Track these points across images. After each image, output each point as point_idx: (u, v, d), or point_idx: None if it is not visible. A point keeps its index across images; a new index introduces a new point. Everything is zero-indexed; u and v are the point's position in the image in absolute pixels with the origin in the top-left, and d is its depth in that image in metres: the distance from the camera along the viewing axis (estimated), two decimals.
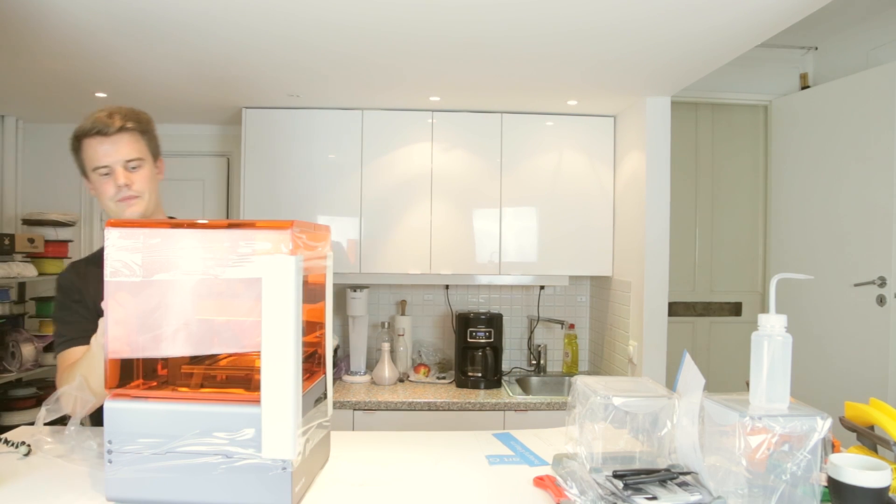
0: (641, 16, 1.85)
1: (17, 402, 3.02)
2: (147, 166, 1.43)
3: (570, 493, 0.96)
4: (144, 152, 1.43)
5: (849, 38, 2.99)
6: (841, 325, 2.83)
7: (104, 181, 1.39)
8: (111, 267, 0.99)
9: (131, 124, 1.40)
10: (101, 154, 1.37)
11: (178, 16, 1.88)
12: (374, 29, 1.98)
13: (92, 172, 1.40)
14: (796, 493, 0.85)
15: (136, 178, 1.40)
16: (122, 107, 1.43)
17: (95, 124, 1.37)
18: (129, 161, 1.39)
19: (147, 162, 1.43)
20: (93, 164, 1.38)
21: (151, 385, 1.05)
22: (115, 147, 1.37)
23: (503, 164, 3.03)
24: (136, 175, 1.40)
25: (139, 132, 1.42)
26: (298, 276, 0.92)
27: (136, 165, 1.40)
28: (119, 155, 1.37)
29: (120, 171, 1.38)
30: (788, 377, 0.93)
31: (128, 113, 1.41)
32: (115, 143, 1.37)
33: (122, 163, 1.38)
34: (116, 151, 1.37)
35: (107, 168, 1.38)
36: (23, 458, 1.15)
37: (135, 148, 1.40)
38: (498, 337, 3.01)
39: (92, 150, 1.38)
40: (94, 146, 1.37)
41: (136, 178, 1.40)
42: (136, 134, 1.41)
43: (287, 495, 0.94)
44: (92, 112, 1.42)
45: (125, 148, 1.38)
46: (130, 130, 1.40)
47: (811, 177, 3.05)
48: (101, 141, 1.37)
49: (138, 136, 1.42)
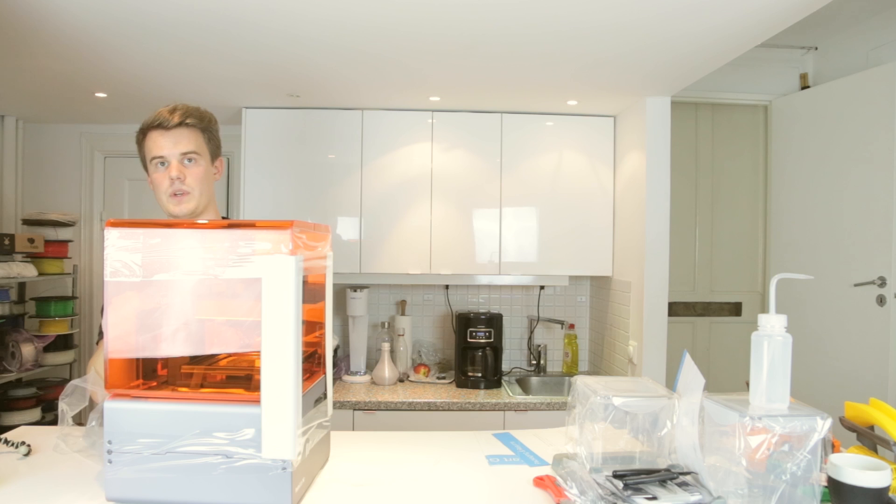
0: (641, 16, 1.85)
1: (17, 402, 3.02)
2: (203, 163, 1.45)
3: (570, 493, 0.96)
4: (202, 148, 1.46)
5: (849, 38, 2.99)
6: (841, 325, 2.83)
7: (159, 173, 1.41)
8: (111, 267, 0.99)
9: (192, 120, 1.43)
10: (160, 145, 1.40)
11: (178, 16, 1.88)
12: (374, 29, 1.98)
13: (150, 163, 1.43)
14: (796, 493, 0.85)
15: (189, 173, 1.42)
16: (187, 105, 1.46)
17: (157, 118, 1.40)
18: (184, 154, 1.41)
19: (203, 158, 1.45)
20: (151, 154, 1.41)
21: (151, 385, 1.05)
22: (174, 140, 1.40)
23: (503, 164, 3.03)
24: (191, 170, 1.42)
25: (199, 129, 1.45)
26: (298, 276, 0.92)
27: (191, 159, 1.42)
28: (176, 147, 1.40)
29: (175, 164, 1.40)
30: (788, 377, 0.93)
31: (190, 110, 1.44)
32: (173, 136, 1.40)
33: (177, 156, 1.41)
34: (174, 144, 1.40)
35: (162, 158, 1.40)
36: (23, 458, 1.15)
37: (192, 142, 1.43)
38: (498, 337, 3.01)
39: (152, 141, 1.41)
40: (154, 138, 1.41)
41: (190, 173, 1.42)
42: (195, 130, 1.44)
43: (287, 495, 0.94)
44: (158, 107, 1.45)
45: (183, 141, 1.41)
46: (191, 126, 1.43)
47: (811, 177, 3.05)
48: (162, 133, 1.40)
49: (198, 132, 1.45)
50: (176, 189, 1.40)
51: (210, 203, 1.50)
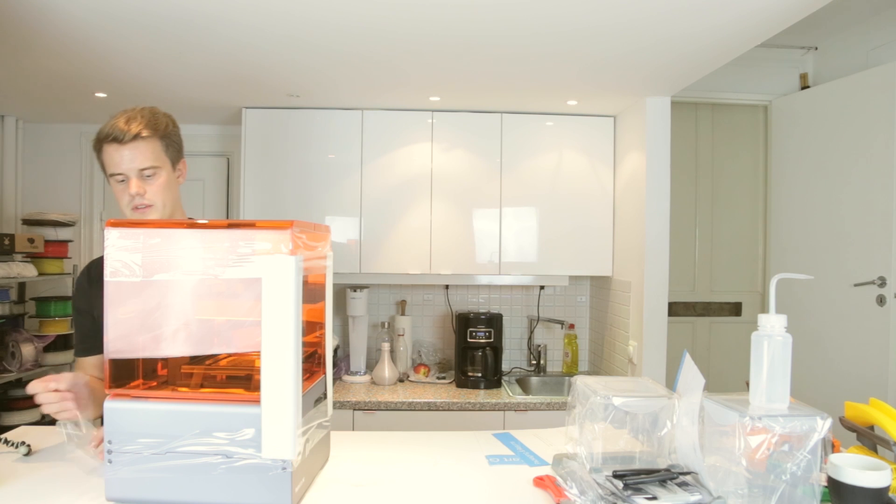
0: (641, 16, 1.85)
1: (17, 402, 3.02)
2: (163, 174, 1.41)
3: (570, 493, 0.96)
4: (161, 159, 1.41)
5: (849, 38, 2.99)
6: (841, 325, 2.83)
7: (120, 188, 1.38)
8: (111, 267, 0.99)
9: (147, 132, 1.37)
10: (117, 161, 1.36)
11: (178, 16, 1.88)
12: (374, 29, 1.98)
13: (109, 177, 1.39)
14: (796, 493, 0.85)
15: (149, 188, 1.38)
16: (143, 110, 1.40)
17: (112, 130, 1.35)
18: (143, 170, 1.37)
19: (163, 169, 1.41)
20: (109, 170, 1.38)
21: (151, 385, 1.05)
22: (131, 155, 1.35)
23: (503, 164, 3.03)
24: (151, 184, 1.39)
25: (157, 138, 1.39)
26: (298, 276, 0.92)
27: (150, 174, 1.38)
28: (134, 163, 1.36)
29: (134, 181, 1.36)
30: (788, 377, 0.93)
31: (147, 119, 1.38)
32: (130, 150, 1.35)
33: (136, 171, 1.36)
34: (131, 160, 1.35)
35: (122, 175, 1.37)
36: (23, 458, 1.15)
37: (150, 156, 1.38)
38: (498, 337, 3.01)
39: (108, 156, 1.37)
40: (110, 152, 1.36)
41: (150, 187, 1.39)
42: (153, 141, 1.38)
43: (287, 495, 0.93)
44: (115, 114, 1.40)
45: (140, 157, 1.36)
46: (147, 138, 1.37)
47: (811, 177, 3.05)
48: (117, 148, 1.35)
49: (156, 142, 1.39)
50: (137, 203, 1.38)
51: (175, 209, 1.48)
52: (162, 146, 1.41)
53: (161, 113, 1.43)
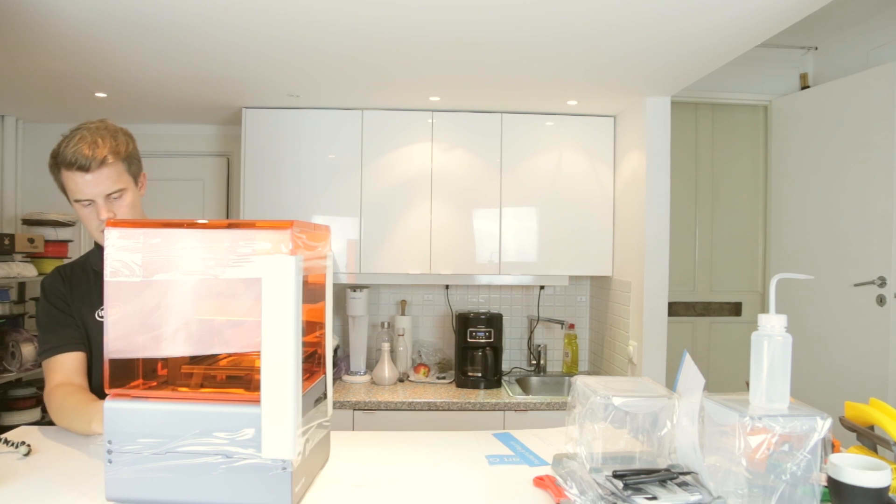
0: (641, 16, 1.85)
1: (17, 402, 3.02)
2: (129, 194, 1.41)
3: (570, 493, 0.96)
4: (126, 180, 1.41)
5: (849, 38, 2.99)
6: (841, 325, 2.83)
7: (87, 212, 1.38)
8: (111, 267, 0.99)
9: (112, 157, 1.35)
10: (83, 188, 1.34)
11: (178, 17, 1.88)
12: (374, 29, 1.98)
13: (73, 201, 1.38)
14: (796, 493, 0.85)
15: (118, 209, 1.39)
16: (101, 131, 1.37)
17: (77, 158, 1.32)
18: (110, 194, 1.37)
19: (129, 189, 1.41)
20: (74, 196, 1.36)
21: (151, 385, 1.04)
22: (97, 181, 1.34)
23: (503, 164, 3.03)
24: (118, 205, 1.39)
25: (121, 160, 1.38)
26: (298, 276, 0.92)
27: (117, 196, 1.38)
28: (101, 188, 1.35)
29: (102, 205, 1.36)
30: (788, 377, 0.93)
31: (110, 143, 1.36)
32: (96, 176, 1.34)
33: (103, 196, 1.36)
34: (97, 185, 1.34)
35: (88, 201, 1.36)
36: (23, 458, 1.15)
37: (116, 180, 1.37)
38: (498, 337, 3.01)
39: (73, 182, 1.34)
40: (74, 179, 1.34)
41: (119, 208, 1.39)
42: (117, 164, 1.37)
43: (287, 495, 0.93)
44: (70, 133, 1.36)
45: (106, 182, 1.35)
46: (112, 164, 1.36)
47: (811, 177, 3.05)
48: (82, 175, 1.33)
49: (120, 164, 1.38)
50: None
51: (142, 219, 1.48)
52: (125, 167, 1.40)
53: (119, 131, 1.42)
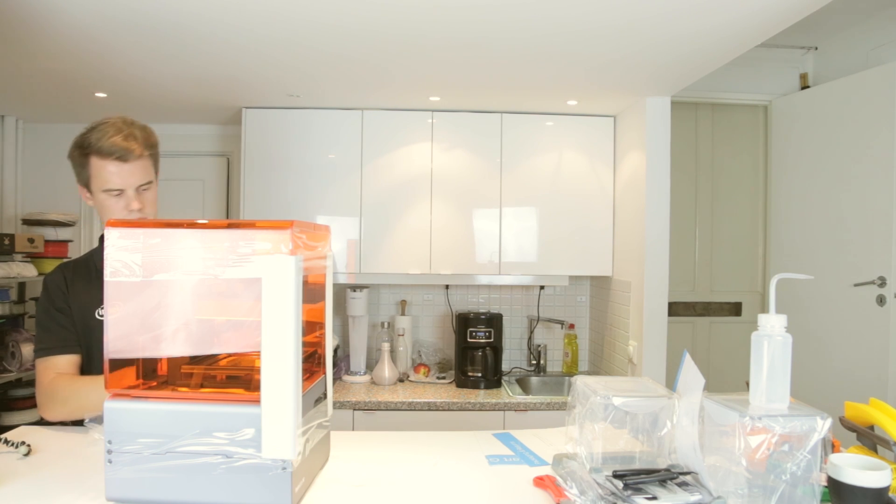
0: (641, 16, 1.85)
1: (17, 402, 3.02)
2: (154, 187, 1.48)
3: (570, 493, 0.96)
4: (153, 174, 1.48)
5: (849, 38, 2.99)
6: (841, 325, 2.83)
7: (114, 201, 1.41)
8: (111, 267, 0.99)
9: (146, 151, 1.43)
10: (117, 179, 1.39)
11: (178, 17, 1.88)
12: (374, 30, 1.98)
13: (100, 191, 1.41)
14: (796, 493, 0.85)
15: (146, 201, 1.45)
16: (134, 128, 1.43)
17: (115, 149, 1.37)
18: (140, 185, 1.42)
19: (154, 183, 1.48)
20: (104, 185, 1.40)
21: (151, 385, 1.04)
22: (132, 172, 1.40)
23: (503, 164, 3.03)
24: (146, 197, 1.45)
25: (149, 154, 1.45)
26: (298, 276, 0.92)
27: (146, 188, 1.45)
28: (134, 179, 1.40)
29: (133, 195, 1.41)
30: (788, 377, 0.93)
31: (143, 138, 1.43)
32: (132, 167, 1.40)
33: (134, 187, 1.41)
34: (132, 176, 1.40)
35: (118, 191, 1.40)
36: (23, 458, 1.15)
37: (147, 173, 1.44)
38: (498, 337, 3.01)
39: (105, 171, 1.39)
40: (107, 168, 1.39)
41: (147, 200, 1.45)
42: (149, 159, 1.45)
43: (287, 495, 0.93)
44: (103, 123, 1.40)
45: (140, 173, 1.42)
46: (145, 157, 1.43)
47: (811, 177, 3.05)
48: (119, 166, 1.39)
49: (148, 158, 1.45)
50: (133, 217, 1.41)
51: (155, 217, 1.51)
52: (152, 162, 1.48)
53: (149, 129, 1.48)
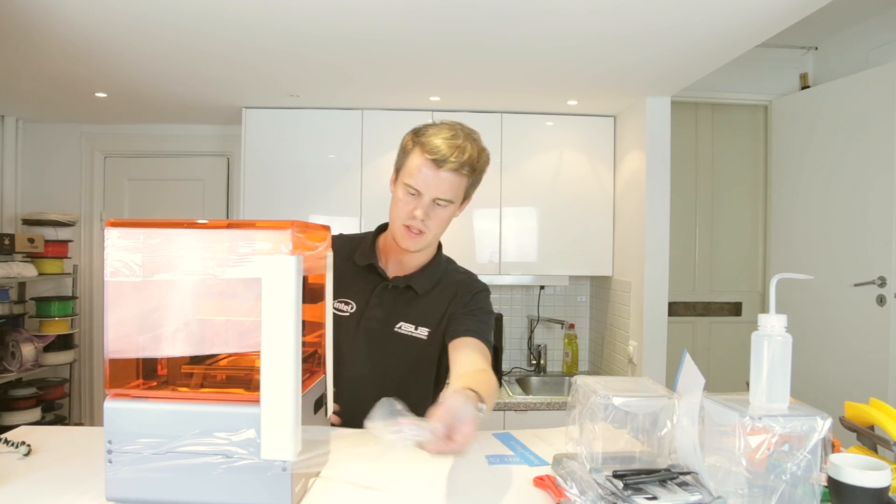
0: (641, 15, 1.85)
1: (17, 402, 3.02)
2: (451, 209, 1.35)
3: (570, 493, 0.96)
4: (459, 196, 1.35)
5: (849, 38, 2.99)
6: (841, 325, 2.82)
7: (407, 199, 1.31)
8: (111, 267, 0.99)
9: (466, 171, 1.31)
10: (420, 179, 1.29)
11: (178, 18, 1.88)
12: (375, 30, 1.98)
13: (402, 183, 1.33)
14: (796, 493, 0.85)
15: (434, 217, 1.32)
16: (473, 139, 1.34)
17: (438, 150, 1.27)
18: (439, 199, 1.31)
19: (454, 205, 1.35)
20: (408, 178, 1.31)
21: (151, 385, 1.04)
22: (437, 181, 1.29)
23: (503, 164, 3.03)
24: (437, 213, 1.33)
25: (468, 177, 1.34)
26: (298, 276, 0.92)
27: (443, 205, 1.32)
28: (435, 191, 1.30)
29: (425, 204, 1.30)
30: (788, 377, 0.93)
31: (472, 155, 1.31)
32: (439, 176, 1.29)
33: (431, 198, 1.30)
34: (436, 186, 1.29)
35: (416, 192, 1.30)
36: (23, 458, 1.15)
37: (452, 190, 1.32)
38: (498, 337, 3.01)
39: (416, 165, 1.30)
40: (420, 163, 1.29)
41: (435, 216, 1.33)
42: (464, 179, 1.33)
43: (287, 495, 0.93)
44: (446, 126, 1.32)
45: (444, 186, 1.30)
46: (462, 176, 1.32)
47: (811, 177, 3.05)
48: (430, 167, 1.28)
49: (465, 180, 1.34)
50: (413, 225, 1.31)
51: (435, 241, 1.43)
52: (466, 184, 1.35)
53: (484, 150, 1.38)
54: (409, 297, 1.42)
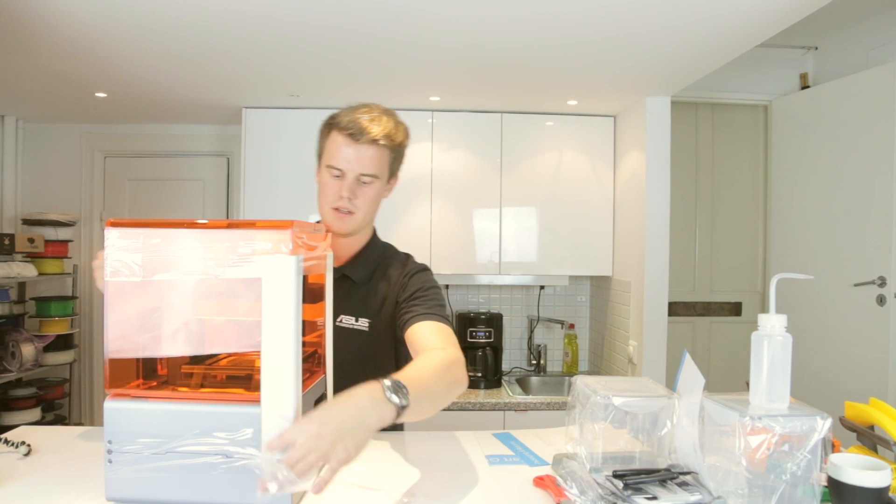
0: (641, 16, 1.85)
1: (17, 402, 3.02)
2: (378, 184, 1.33)
3: (570, 493, 0.96)
4: (383, 170, 1.33)
5: (849, 38, 2.99)
6: (841, 325, 2.82)
7: (331, 182, 1.30)
8: (111, 267, 0.99)
9: (385, 141, 1.30)
10: (341, 158, 1.28)
11: (178, 17, 1.88)
12: (375, 30, 1.98)
13: (324, 167, 1.32)
14: (796, 493, 0.85)
15: (361, 195, 1.30)
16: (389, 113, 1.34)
17: (351, 125, 1.27)
18: (362, 175, 1.29)
19: (380, 180, 1.33)
20: (329, 160, 1.30)
21: (151, 385, 1.04)
22: (358, 156, 1.28)
23: (503, 164, 3.03)
24: (363, 191, 1.31)
25: (389, 149, 1.32)
26: (298, 276, 0.92)
27: (367, 181, 1.30)
28: (358, 166, 1.28)
29: (349, 182, 1.29)
30: (788, 377, 0.93)
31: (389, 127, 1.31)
32: (358, 151, 1.28)
33: (355, 174, 1.29)
34: (357, 161, 1.28)
35: (339, 172, 1.29)
36: (23, 458, 1.15)
37: (375, 164, 1.30)
38: (498, 337, 3.01)
39: (335, 146, 1.29)
40: (338, 143, 1.29)
41: (363, 195, 1.31)
42: (385, 150, 1.31)
43: (287, 495, 0.93)
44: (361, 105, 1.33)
45: (366, 161, 1.28)
46: (380, 147, 1.30)
47: (811, 177, 3.05)
48: (348, 143, 1.27)
49: (386, 152, 1.32)
50: (341, 206, 1.29)
51: (368, 224, 1.40)
52: (389, 157, 1.34)
53: (401, 122, 1.37)
54: (346, 289, 1.38)
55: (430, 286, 1.40)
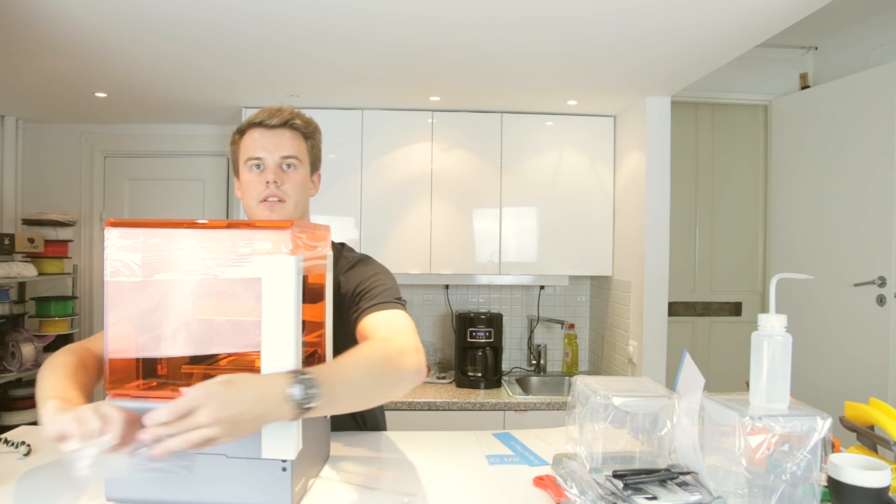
0: (641, 17, 1.85)
1: (17, 402, 3.02)
2: (302, 171, 1.33)
3: (570, 493, 0.96)
4: (303, 155, 1.34)
5: (849, 38, 2.99)
6: (841, 325, 2.82)
7: (253, 177, 1.29)
8: (111, 267, 0.99)
9: (299, 122, 1.32)
10: (259, 145, 1.29)
11: (178, 17, 1.88)
12: (375, 29, 1.98)
13: (243, 165, 1.31)
14: (796, 493, 0.85)
15: (287, 180, 1.29)
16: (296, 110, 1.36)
17: (260, 115, 1.30)
18: (285, 158, 1.29)
19: (303, 166, 1.33)
20: (247, 154, 1.30)
21: (151, 385, 1.04)
22: (273, 139, 1.29)
23: (503, 164, 3.03)
24: (289, 176, 1.30)
25: (303, 134, 1.34)
26: (298, 276, 0.92)
27: (291, 164, 1.30)
28: (276, 150, 1.29)
29: (272, 168, 1.28)
30: (788, 377, 0.93)
31: (297, 112, 1.34)
32: (275, 136, 1.29)
33: (276, 159, 1.29)
34: (275, 146, 1.29)
35: (259, 161, 1.29)
36: (23, 458, 1.15)
37: (294, 146, 1.31)
38: (498, 337, 3.01)
39: (251, 140, 1.30)
40: (253, 136, 1.30)
41: (289, 179, 1.30)
42: (299, 134, 1.33)
43: (287, 495, 0.93)
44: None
45: (284, 142, 1.30)
46: (295, 129, 1.32)
47: (811, 177, 3.05)
48: (262, 133, 1.29)
49: (301, 137, 1.34)
50: (270, 194, 1.27)
51: (302, 216, 1.37)
52: (306, 145, 1.35)
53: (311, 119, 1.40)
54: None
55: (372, 273, 1.37)
